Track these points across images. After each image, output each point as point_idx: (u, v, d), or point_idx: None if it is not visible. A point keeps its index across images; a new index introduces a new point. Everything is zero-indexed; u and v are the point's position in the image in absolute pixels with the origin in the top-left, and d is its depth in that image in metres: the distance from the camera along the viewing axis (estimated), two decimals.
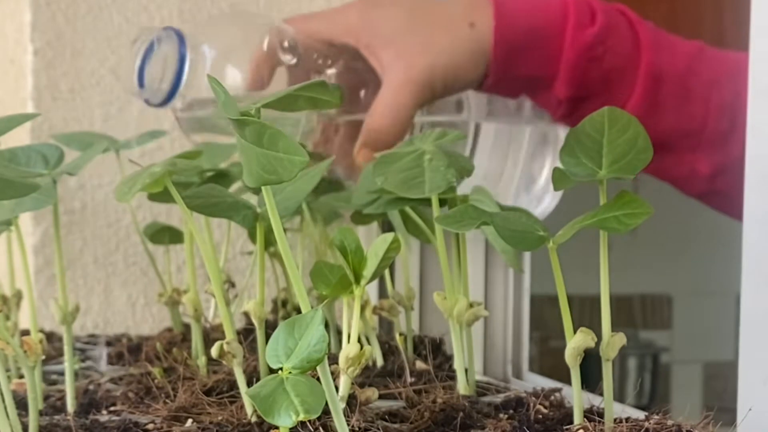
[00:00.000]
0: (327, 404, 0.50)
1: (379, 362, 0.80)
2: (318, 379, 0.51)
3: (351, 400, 0.62)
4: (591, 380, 0.63)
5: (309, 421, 0.59)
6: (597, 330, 0.59)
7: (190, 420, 0.66)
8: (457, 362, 0.73)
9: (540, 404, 0.66)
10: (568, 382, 0.61)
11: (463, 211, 0.61)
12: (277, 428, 0.50)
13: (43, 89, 1.04)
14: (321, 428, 0.60)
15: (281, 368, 0.51)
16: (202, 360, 0.77)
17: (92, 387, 0.76)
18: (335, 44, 0.87)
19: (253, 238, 0.89)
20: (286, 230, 0.75)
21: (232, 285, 0.92)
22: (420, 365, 0.78)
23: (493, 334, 0.97)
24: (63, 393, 0.73)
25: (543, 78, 0.90)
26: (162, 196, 0.68)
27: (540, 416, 0.65)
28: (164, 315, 1.06)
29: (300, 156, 0.50)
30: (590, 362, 0.60)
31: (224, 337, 0.66)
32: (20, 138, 1.01)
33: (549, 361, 2.01)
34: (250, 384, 0.65)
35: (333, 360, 0.60)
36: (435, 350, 0.82)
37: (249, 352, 0.71)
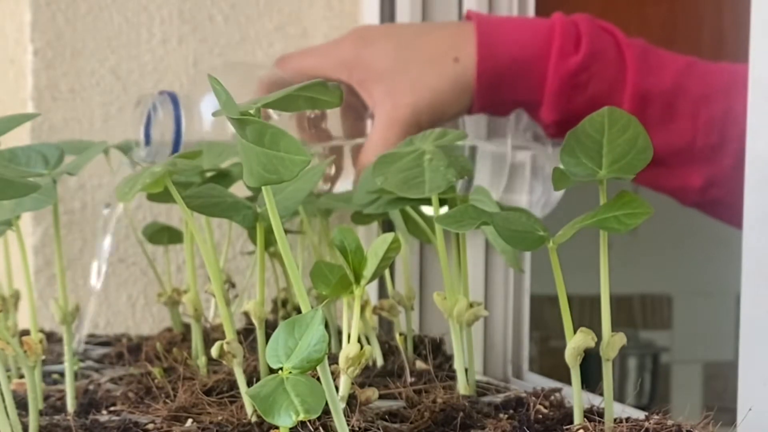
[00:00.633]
0: (327, 404, 0.50)
1: (379, 362, 0.80)
2: (318, 379, 0.51)
3: (351, 400, 0.62)
4: (591, 380, 0.63)
5: (309, 421, 0.59)
6: (597, 330, 0.59)
7: (190, 420, 0.66)
8: (457, 362, 0.73)
9: (540, 404, 0.66)
10: (568, 382, 0.61)
11: (463, 211, 0.61)
12: (277, 428, 0.50)
13: (43, 89, 1.04)
14: (321, 428, 0.60)
15: (281, 368, 0.51)
16: (202, 360, 0.77)
17: (92, 387, 0.76)
18: (330, 79, 0.90)
19: (253, 238, 0.89)
20: (286, 230, 0.75)
21: (232, 285, 0.92)
22: (420, 365, 0.78)
23: (493, 334, 0.97)
24: (63, 393, 0.73)
25: (529, 103, 0.93)
26: (162, 196, 0.68)
27: (540, 416, 0.65)
28: (164, 315, 1.06)
29: (302, 155, 0.50)
30: (590, 362, 0.60)
31: (224, 337, 0.66)
32: (20, 138, 1.01)
33: (549, 361, 2.01)
34: (250, 384, 0.65)
35: (333, 360, 0.60)
36: (435, 350, 0.82)
37: (249, 352, 0.71)
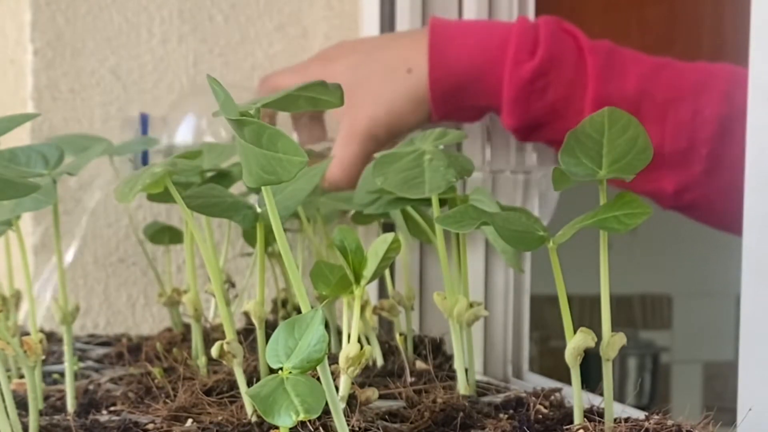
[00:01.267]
0: (327, 404, 0.50)
1: (379, 362, 0.80)
2: (318, 379, 0.51)
3: (351, 400, 0.62)
4: (591, 380, 0.63)
5: (309, 421, 0.59)
6: (597, 330, 0.59)
7: (190, 420, 0.66)
8: (457, 362, 0.73)
9: (540, 404, 0.66)
10: (568, 382, 0.61)
11: (463, 211, 0.61)
12: (277, 428, 0.50)
13: (43, 89, 1.04)
14: (321, 428, 0.60)
15: (281, 368, 0.51)
16: (202, 360, 0.76)
17: (92, 387, 0.76)
18: None
19: (249, 240, 0.89)
20: (286, 230, 0.74)
21: (232, 285, 0.92)
22: (420, 365, 0.78)
23: (493, 334, 0.97)
24: (63, 393, 0.73)
25: (490, 108, 0.93)
26: (162, 196, 0.68)
27: (540, 416, 0.65)
28: (164, 315, 1.06)
29: (299, 156, 0.50)
30: (590, 362, 0.60)
31: (224, 337, 0.66)
32: (20, 138, 1.01)
33: (549, 361, 2.01)
34: (250, 384, 0.65)
35: (333, 360, 0.60)
36: (435, 350, 0.82)
37: (249, 352, 0.71)
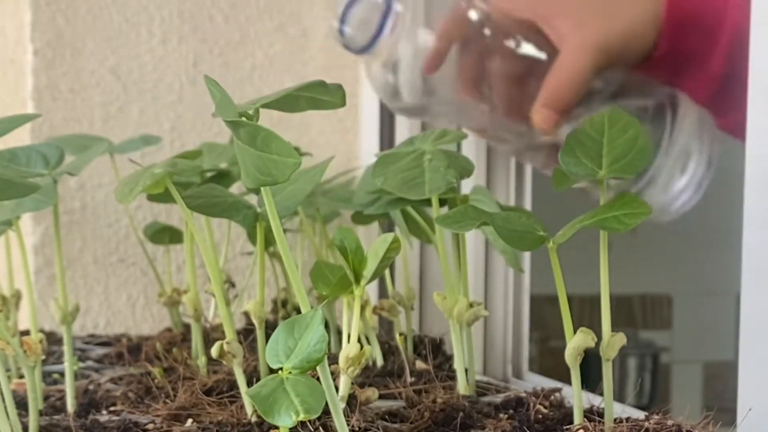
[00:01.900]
0: (327, 404, 0.50)
1: (379, 362, 0.80)
2: (318, 379, 0.51)
3: (351, 400, 0.62)
4: (591, 380, 0.63)
5: (309, 421, 0.59)
6: (597, 330, 0.59)
7: (190, 420, 0.66)
8: (457, 362, 0.73)
9: (540, 404, 0.66)
10: (568, 382, 0.61)
11: (463, 212, 0.61)
12: (277, 428, 0.50)
13: (43, 89, 1.04)
14: (321, 428, 0.60)
15: (281, 368, 0.51)
16: (202, 360, 0.76)
17: (92, 387, 0.76)
18: (514, 18, 0.88)
19: (252, 239, 0.89)
20: (286, 230, 0.75)
21: (232, 285, 0.92)
22: (420, 365, 0.78)
23: (493, 334, 0.97)
24: (63, 393, 0.73)
25: (700, 56, 0.90)
26: (162, 196, 0.68)
27: (540, 416, 0.65)
28: (164, 315, 1.06)
29: (293, 158, 0.50)
30: (590, 362, 0.60)
31: (224, 337, 0.66)
32: (20, 138, 1.01)
33: (549, 361, 2.00)
34: (250, 384, 0.65)
35: (333, 360, 0.60)
36: (435, 350, 0.82)
37: (249, 352, 0.71)
